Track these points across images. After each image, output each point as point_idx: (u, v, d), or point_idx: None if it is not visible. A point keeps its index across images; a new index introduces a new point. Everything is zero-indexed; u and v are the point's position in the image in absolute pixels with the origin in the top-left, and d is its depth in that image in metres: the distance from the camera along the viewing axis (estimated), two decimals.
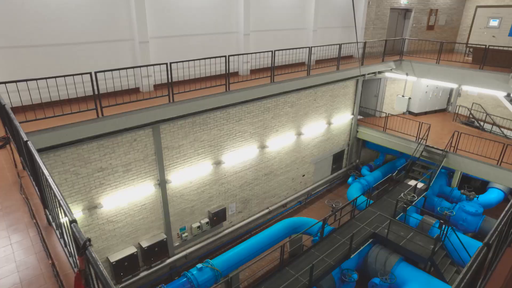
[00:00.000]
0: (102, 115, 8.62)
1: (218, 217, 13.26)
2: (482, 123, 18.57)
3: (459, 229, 13.81)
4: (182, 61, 10.01)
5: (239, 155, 13.20)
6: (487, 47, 14.19)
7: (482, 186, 17.61)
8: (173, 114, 9.91)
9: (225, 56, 9.89)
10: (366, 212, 13.11)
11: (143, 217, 11.24)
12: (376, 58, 16.32)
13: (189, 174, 11.86)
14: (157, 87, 11.01)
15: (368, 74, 17.19)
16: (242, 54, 11.41)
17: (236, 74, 12.65)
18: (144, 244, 11.11)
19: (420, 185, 14.40)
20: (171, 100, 9.67)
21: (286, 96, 13.94)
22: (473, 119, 19.11)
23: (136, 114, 9.26)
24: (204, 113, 11.47)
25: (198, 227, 12.76)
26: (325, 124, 16.47)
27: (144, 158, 10.67)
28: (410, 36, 18.22)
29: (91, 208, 9.70)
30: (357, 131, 18.32)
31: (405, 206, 12.29)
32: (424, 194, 14.41)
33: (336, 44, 13.45)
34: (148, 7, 10.20)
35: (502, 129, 17.93)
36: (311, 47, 12.14)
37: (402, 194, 12.72)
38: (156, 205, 11.42)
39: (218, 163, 12.63)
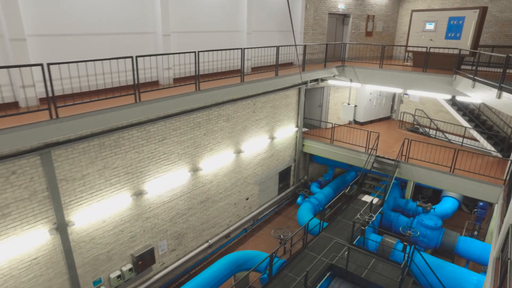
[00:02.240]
0: None
1: (144, 261, 10.61)
2: (427, 129, 18.07)
3: (420, 246, 12.54)
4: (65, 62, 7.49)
5: (166, 182, 10.77)
6: (428, 49, 13.47)
7: (434, 194, 16.89)
8: (66, 133, 7.31)
9: (131, 57, 7.58)
10: (320, 239, 11.28)
11: (35, 275, 8.30)
12: (318, 64, 15.03)
13: (100, 211, 9.19)
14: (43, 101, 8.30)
15: (310, 82, 15.84)
16: (155, 55, 9.18)
17: (156, 83, 10.34)
18: None
19: (375, 200, 13.02)
20: (54, 116, 7.04)
21: (219, 109, 11.88)
22: (417, 126, 18.59)
23: (11, 133, 6.51)
24: (116, 132, 8.99)
25: (119, 276, 10.02)
26: (268, 139, 14.64)
27: (30, 196, 7.87)
28: (349, 43, 17.33)
29: None
30: (303, 145, 16.79)
31: (363, 228, 10.67)
32: (380, 210, 13.02)
33: (273, 47, 11.80)
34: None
35: (446, 134, 17.50)
36: (244, 48, 10.28)
37: (358, 215, 11.10)
38: (54, 256, 8.56)
39: (139, 193, 10.09)
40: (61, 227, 8.47)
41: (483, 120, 16.24)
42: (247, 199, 14.64)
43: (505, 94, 9.36)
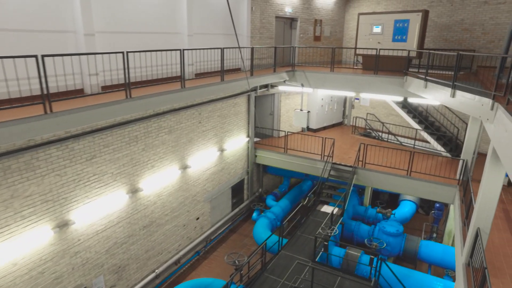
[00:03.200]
0: None
1: None
2: (380, 133, 17.96)
3: (383, 254, 11.95)
4: None
5: (99, 208, 9.11)
6: (378, 51, 13.20)
7: (391, 199, 16.67)
8: None
9: (35, 56, 6.03)
10: (280, 258, 10.21)
11: None
12: (267, 69, 14.20)
13: (10, 250, 7.35)
14: None
15: (260, 89, 14.96)
16: (68, 54, 7.68)
17: (80, 91, 8.71)
18: None
19: (335, 210, 12.28)
20: None
21: (160, 120, 10.48)
22: (369, 130, 18.45)
23: None
24: (27, 152, 7.28)
25: None
26: (217, 151, 13.42)
27: None
28: (298, 48, 16.79)
29: None
30: (256, 156, 15.79)
31: (325, 243, 9.77)
32: (341, 220, 12.30)
33: (217, 48, 10.71)
34: None
35: (397, 137, 17.49)
36: (184, 49, 9.04)
37: (320, 229, 10.20)
38: None
39: (63, 224, 8.35)
40: None
41: (431, 122, 16.40)
42: (198, 218, 13.24)
43: (459, 93, 9.06)
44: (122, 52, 7.46)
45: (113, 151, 9.19)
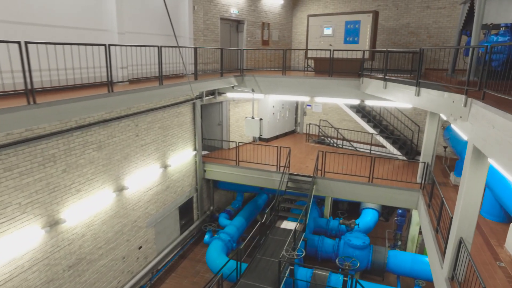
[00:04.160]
0: None
1: None
2: (334, 140, 17.32)
3: (351, 270, 10.94)
4: None
5: (4, 249, 6.96)
6: (332, 52, 12.46)
7: (350, 207, 15.95)
8: None
9: None
10: None
11: None
12: (213, 74, 12.84)
13: None
14: None
15: (206, 96, 13.50)
16: None
17: None
18: None
19: (293, 225, 11.09)
20: None
21: (85, 133, 8.56)
22: (323, 137, 17.77)
23: None
24: None
25: None
26: (160, 168, 11.65)
27: None
28: (246, 52, 15.68)
29: None
30: (205, 170, 14.20)
31: (291, 267, 8.46)
32: (303, 236, 11.14)
33: (154, 46, 9.11)
34: None
35: (352, 142, 16.97)
36: (110, 45, 7.34)
37: (284, 251, 8.86)
38: None
39: None
40: None
41: (385, 125, 16.09)
42: (140, 247, 11.28)
43: (424, 91, 8.41)
44: (18, 43, 5.59)
45: (19, 176, 7.13)
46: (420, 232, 12.96)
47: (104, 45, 7.23)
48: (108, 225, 9.72)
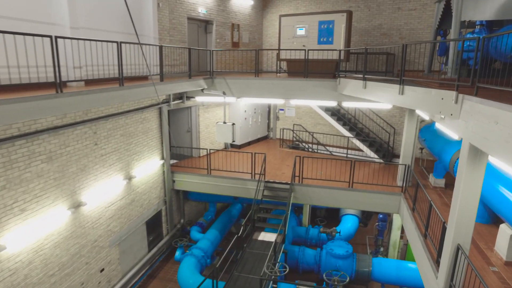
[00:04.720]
0: None
1: None
2: (309, 145, 16.76)
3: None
4: None
5: None
6: (306, 53, 11.88)
7: (329, 214, 15.37)
8: None
9: None
10: None
11: None
12: (181, 77, 11.89)
13: None
14: None
15: (174, 101, 12.51)
16: None
17: None
18: None
19: (273, 236, 10.31)
20: None
21: (31, 142, 7.35)
22: (298, 142, 17.18)
23: None
24: None
25: None
26: (124, 180, 10.47)
27: None
28: (216, 53, 14.84)
29: None
30: (174, 181, 13.12)
31: (274, 285, 7.63)
32: (283, 247, 10.35)
33: (114, 42, 8.09)
34: None
35: (327, 147, 16.49)
36: (57, 37, 6.25)
37: (265, 267, 8.01)
38: None
39: None
40: None
41: (360, 128, 15.75)
42: (103, 270, 10.02)
43: (408, 88, 7.95)
44: None
45: None
46: (401, 237, 12.58)
47: (50, 36, 6.13)
48: (62, 247, 8.44)
